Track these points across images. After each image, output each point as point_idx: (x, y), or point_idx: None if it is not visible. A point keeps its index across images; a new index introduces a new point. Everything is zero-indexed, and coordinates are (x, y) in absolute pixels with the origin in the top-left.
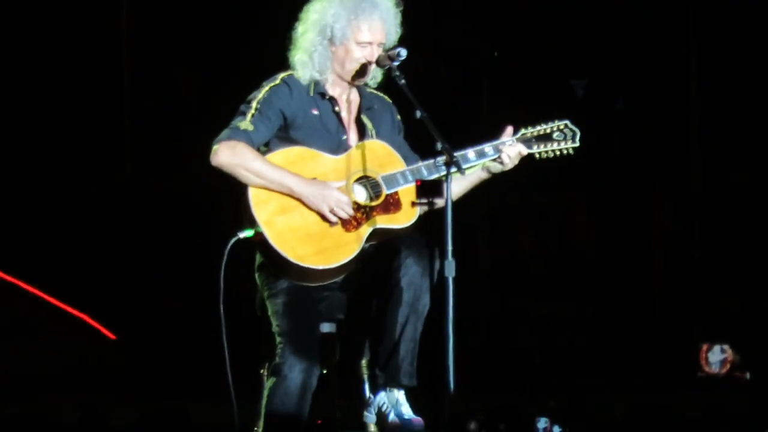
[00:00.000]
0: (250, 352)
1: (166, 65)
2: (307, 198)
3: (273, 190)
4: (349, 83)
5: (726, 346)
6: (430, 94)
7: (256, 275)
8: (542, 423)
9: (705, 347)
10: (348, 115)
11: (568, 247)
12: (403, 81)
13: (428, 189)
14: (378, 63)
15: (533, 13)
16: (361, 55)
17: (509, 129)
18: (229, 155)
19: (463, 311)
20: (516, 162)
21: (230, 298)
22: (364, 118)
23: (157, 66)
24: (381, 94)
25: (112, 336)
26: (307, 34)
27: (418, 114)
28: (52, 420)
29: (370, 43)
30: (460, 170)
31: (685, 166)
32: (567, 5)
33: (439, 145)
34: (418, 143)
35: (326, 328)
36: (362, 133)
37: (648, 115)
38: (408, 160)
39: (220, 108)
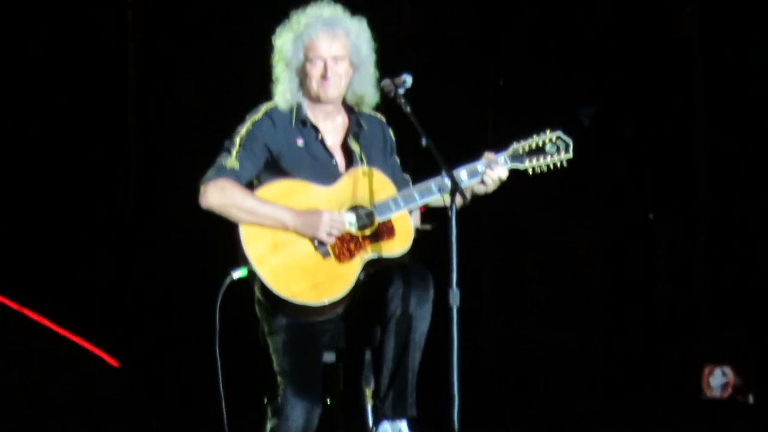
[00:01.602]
0: (252, 381)
1: (173, 86)
2: (302, 230)
3: (265, 226)
4: (328, 104)
5: (728, 369)
6: (435, 122)
7: (256, 307)
8: None
9: (707, 370)
10: (335, 140)
11: (573, 274)
12: (408, 108)
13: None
14: (383, 90)
15: (539, 40)
16: (317, 72)
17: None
18: (219, 196)
19: (467, 337)
20: (498, 185)
21: (232, 325)
22: (351, 143)
23: (163, 86)
24: (372, 113)
25: (115, 363)
26: (275, 65)
27: (424, 142)
28: None
29: (320, 56)
30: (465, 199)
31: (691, 194)
32: (574, 34)
33: (444, 174)
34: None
35: (329, 357)
36: (350, 158)
37: (654, 143)
38: (398, 182)
39: (227, 131)
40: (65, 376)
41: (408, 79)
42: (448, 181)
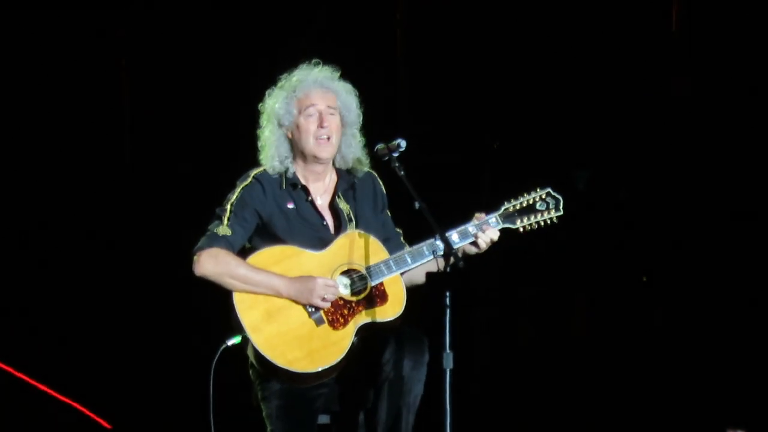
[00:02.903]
0: None
1: (168, 159)
2: (296, 297)
3: (258, 293)
4: (317, 164)
5: None
6: (429, 184)
7: (250, 371)
8: None
9: None
10: (324, 200)
11: (567, 339)
12: (402, 172)
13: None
14: (377, 154)
15: (534, 102)
16: (314, 126)
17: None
18: (213, 264)
19: (461, 402)
20: (489, 245)
21: (225, 389)
22: (339, 202)
23: (158, 156)
24: (362, 169)
25: (107, 425)
26: (264, 130)
27: (417, 205)
28: None
29: (314, 106)
30: (458, 263)
31: (686, 255)
32: (569, 97)
33: (437, 237)
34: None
35: (323, 419)
36: (338, 217)
37: (647, 205)
38: (391, 239)
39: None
40: None
41: (402, 144)
42: (440, 244)
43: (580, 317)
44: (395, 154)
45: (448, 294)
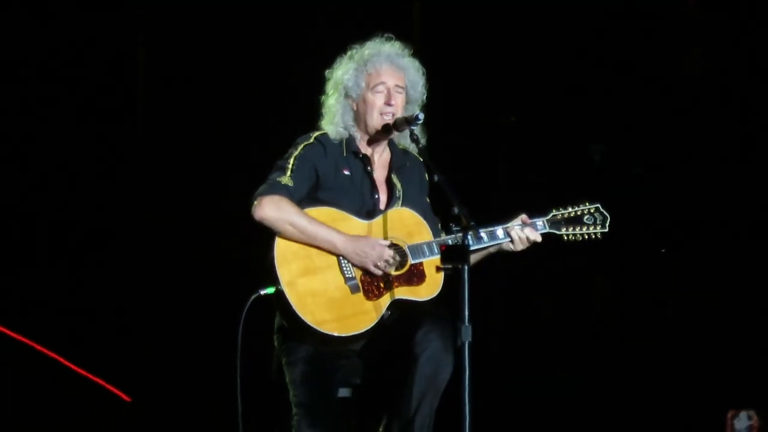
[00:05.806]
0: (267, 412)
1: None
2: (351, 256)
3: (307, 246)
4: (379, 138)
5: (752, 412)
6: (445, 159)
7: (275, 338)
8: None
9: (731, 414)
10: (381, 174)
11: (585, 313)
12: (421, 144)
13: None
14: (396, 126)
15: (552, 78)
16: (381, 102)
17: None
18: (274, 209)
19: (478, 376)
20: (527, 245)
21: (248, 357)
22: (394, 178)
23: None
24: (412, 153)
25: (126, 398)
26: (329, 99)
27: (436, 178)
28: None
29: (383, 83)
30: (477, 235)
31: (701, 228)
32: (585, 71)
33: (456, 210)
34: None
35: (343, 392)
36: (391, 193)
37: (664, 180)
38: (428, 222)
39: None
40: (77, 412)
41: (420, 116)
42: (484, 236)
43: (598, 292)
44: (414, 127)
45: (466, 267)
